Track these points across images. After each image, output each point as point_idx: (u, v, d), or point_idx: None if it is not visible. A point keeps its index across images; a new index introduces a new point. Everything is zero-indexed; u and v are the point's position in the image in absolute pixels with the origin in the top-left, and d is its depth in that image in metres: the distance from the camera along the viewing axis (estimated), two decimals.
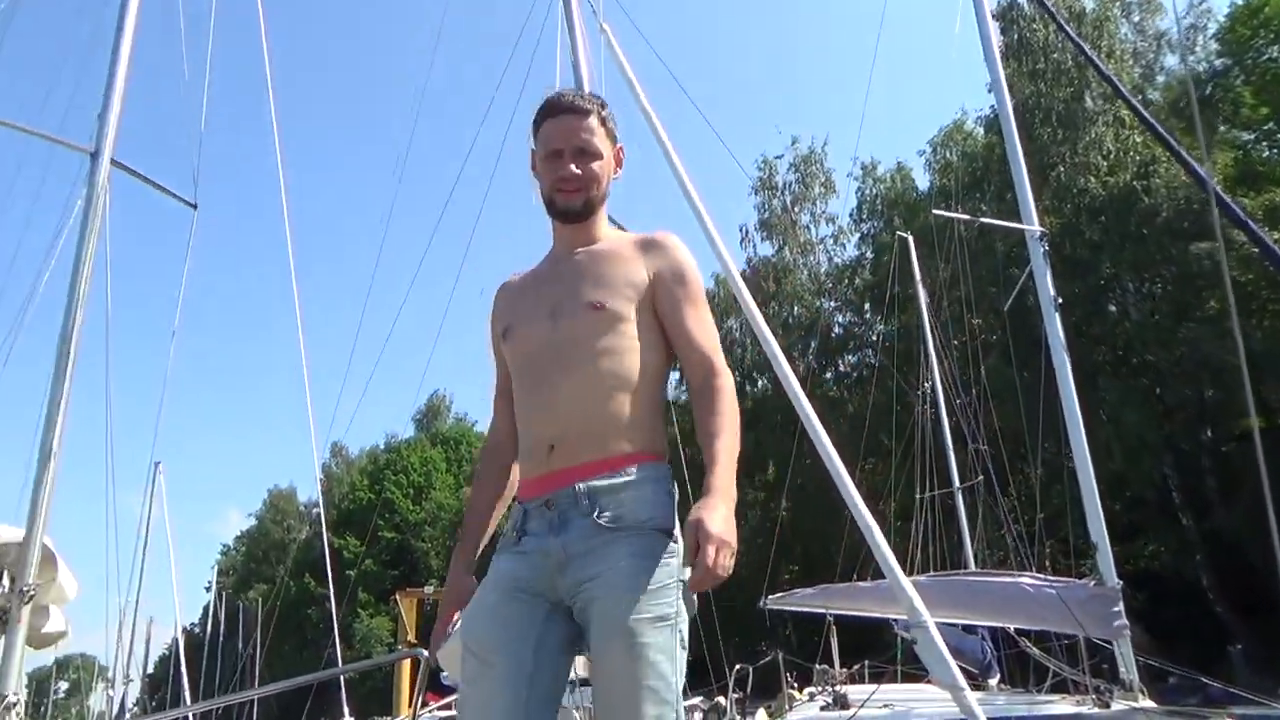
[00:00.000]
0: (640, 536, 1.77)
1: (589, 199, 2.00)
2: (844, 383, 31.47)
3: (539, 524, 1.84)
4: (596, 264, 1.98)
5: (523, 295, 2.04)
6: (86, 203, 5.98)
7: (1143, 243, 21.29)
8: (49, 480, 5.33)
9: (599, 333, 1.89)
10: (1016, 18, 24.29)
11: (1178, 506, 21.92)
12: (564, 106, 2.00)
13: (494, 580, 1.86)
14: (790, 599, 10.24)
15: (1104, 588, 7.46)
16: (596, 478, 1.82)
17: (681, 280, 2.00)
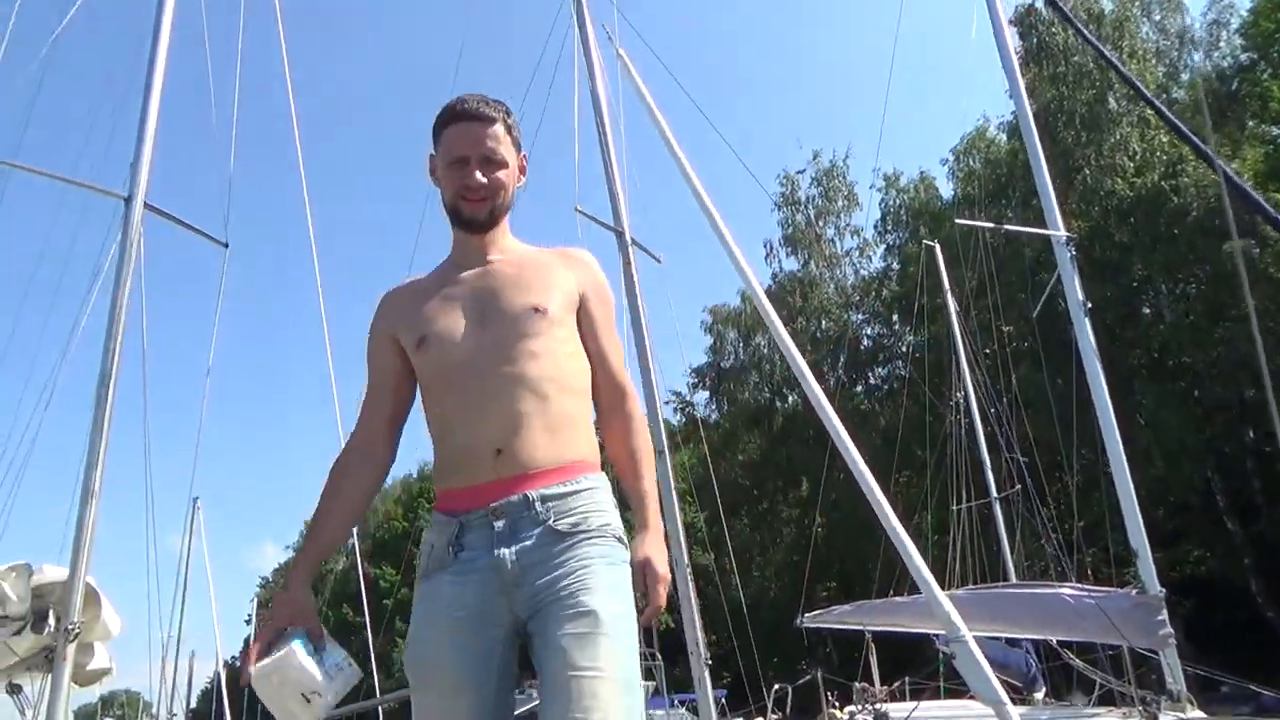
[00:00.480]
0: (603, 540, 1.75)
1: (495, 208, 1.94)
2: (875, 395, 31.24)
3: (480, 537, 1.73)
4: (525, 270, 1.93)
5: (430, 302, 1.91)
6: (121, 246, 6.13)
7: (1173, 243, 21.00)
8: (91, 520, 5.44)
9: (542, 335, 1.83)
10: (1035, 22, 24.15)
11: (1222, 510, 21.46)
12: (468, 112, 1.92)
13: (440, 607, 1.73)
14: (827, 617, 10.15)
15: (1146, 596, 7.33)
16: (550, 485, 1.75)
17: (604, 300, 2.00)
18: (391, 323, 1.96)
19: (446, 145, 1.94)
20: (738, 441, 34.46)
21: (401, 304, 1.98)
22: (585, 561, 1.69)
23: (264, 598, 61.57)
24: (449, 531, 1.77)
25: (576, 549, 1.71)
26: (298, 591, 1.79)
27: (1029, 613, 7.74)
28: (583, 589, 1.66)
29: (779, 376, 32.76)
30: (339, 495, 1.88)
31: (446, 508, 1.81)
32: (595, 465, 1.85)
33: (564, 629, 1.62)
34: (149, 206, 6.32)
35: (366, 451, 1.93)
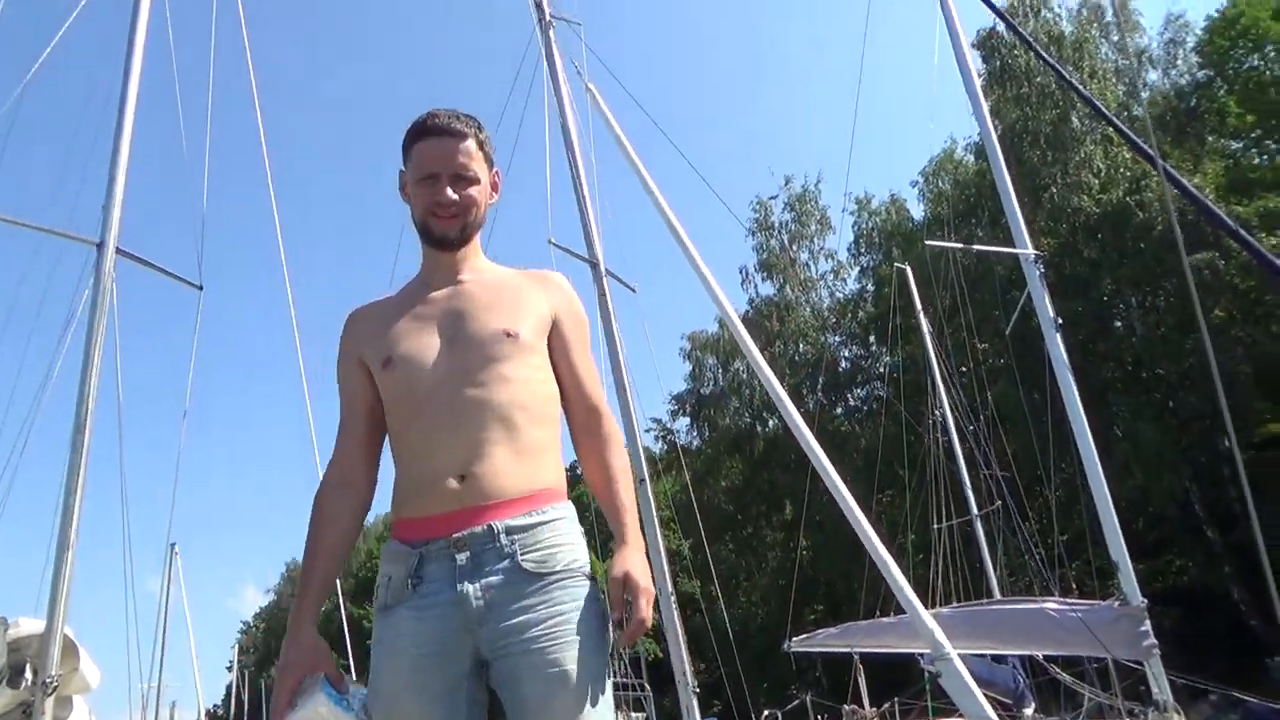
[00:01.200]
0: (572, 582, 1.69)
1: (466, 225, 1.88)
2: (854, 417, 31.39)
3: (441, 569, 1.66)
4: (495, 292, 1.87)
5: (398, 322, 1.85)
6: (94, 292, 6.11)
7: (1140, 257, 21.34)
8: (67, 572, 5.37)
9: (512, 360, 1.77)
10: (998, 45, 24.63)
11: (1202, 520, 21.65)
12: (438, 128, 1.86)
13: (401, 645, 1.66)
14: (814, 640, 10.14)
15: (1129, 607, 7.38)
16: (516, 516, 1.69)
17: (577, 321, 1.96)
18: (358, 343, 1.89)
19: (416, 161, 1.88)
20: (720, 467, 34.49)
21: (368, 324, 1.91)
22: (556, 609, 1.65)
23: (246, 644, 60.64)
24: (408, 563, 1.69)
25: (545, 593, 1.65)
26: (308, 636, 1.72)
27: (1014, 629, 7.77)
28: (554, 644, 1.61)
29: (759, 401, 32.87)
30: (323, 532, 1.81)
31: (405, 536, 1.73)
32: (562, 494, 1.80)
33: (538, 690, 1.59)
34: (121, 252, 6.30)
35: (343, 483, 1.85)
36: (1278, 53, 22.41)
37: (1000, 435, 16.20)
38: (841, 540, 24.38)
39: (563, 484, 1.82)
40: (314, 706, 1.64)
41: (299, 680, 1.69)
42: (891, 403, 22.84)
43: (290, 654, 1.70)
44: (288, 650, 1.71)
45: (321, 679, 1.68)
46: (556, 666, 1.60)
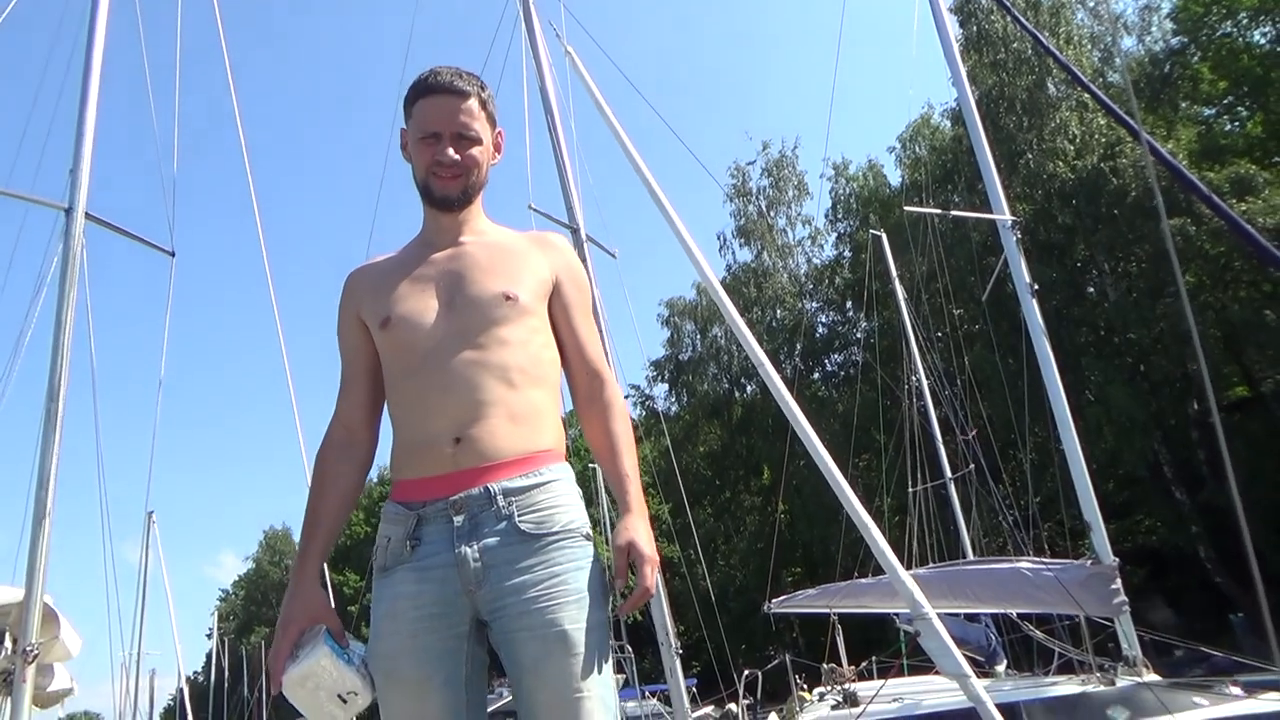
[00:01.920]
0: (570, 543, 1.69)
1: (468, 186, 1.87)
2: (831, 382, 31.62)
3: (438, 531, 1.67)
4: (497, 255, 1.86)
5: (398, 283, 1.84)
6: (64, 258, 5.99)
7: (1114, 223, 21.52)
8: (45, 539, 5.32)
9: (511, 323, 1.77)
10: (974, 10, 24.58)
11: (1170, 481, 22.08)
12: (442, 86, 1.84)
13: (401, 606, 1.66)
14: (793, 601, 10.27)
15: (1101, 566, 7.53)
16: (513, 478, 1.69)
17: (579, 285, 1.94)
18: (357, 302, 1.88)
19: (418, 120, 1.85)
20: (698, 433, 34.70)
21: (367, 283, 1.89)
22: (554, 570, 1.64)
23: (225, 611, 60.63)
24: (406, 524, 1.70)
25: (544, 554, 1.65)
26: (311, 590, 1.73)
27: (990, 587, 7.91)
28: (552, 605, 1.61)
29: (737, 367, 33.03)
30: (326, 490, 1.82)
31: (403, 498, 1.74)
32: (560, 456, 1.79)
33: (535, 651, 1.59)
34: (90, 217, 6.19)
35: (345, 443, 1.86)
36: (1250, 19, 22.53)
37: (976, 399, 16.38)
38: (819, 504, 24.69)
39: (561, 446, 1.81)
40: (317, 659, 1.64)
41: (300, 633, 1.69)
42: (868, 368, 23.00)
43: (292, 608, 1.71)
44: (289, 604, 1.72)
45: (324, 632, 1.68)
46: (555, 627, 1.60)
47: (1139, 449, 20.86)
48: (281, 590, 13.66)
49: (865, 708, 7.29)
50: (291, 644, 1.68)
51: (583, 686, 1.59)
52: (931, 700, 7.33)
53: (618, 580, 1.69)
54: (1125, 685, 7.05)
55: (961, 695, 5.48)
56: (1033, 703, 6.64)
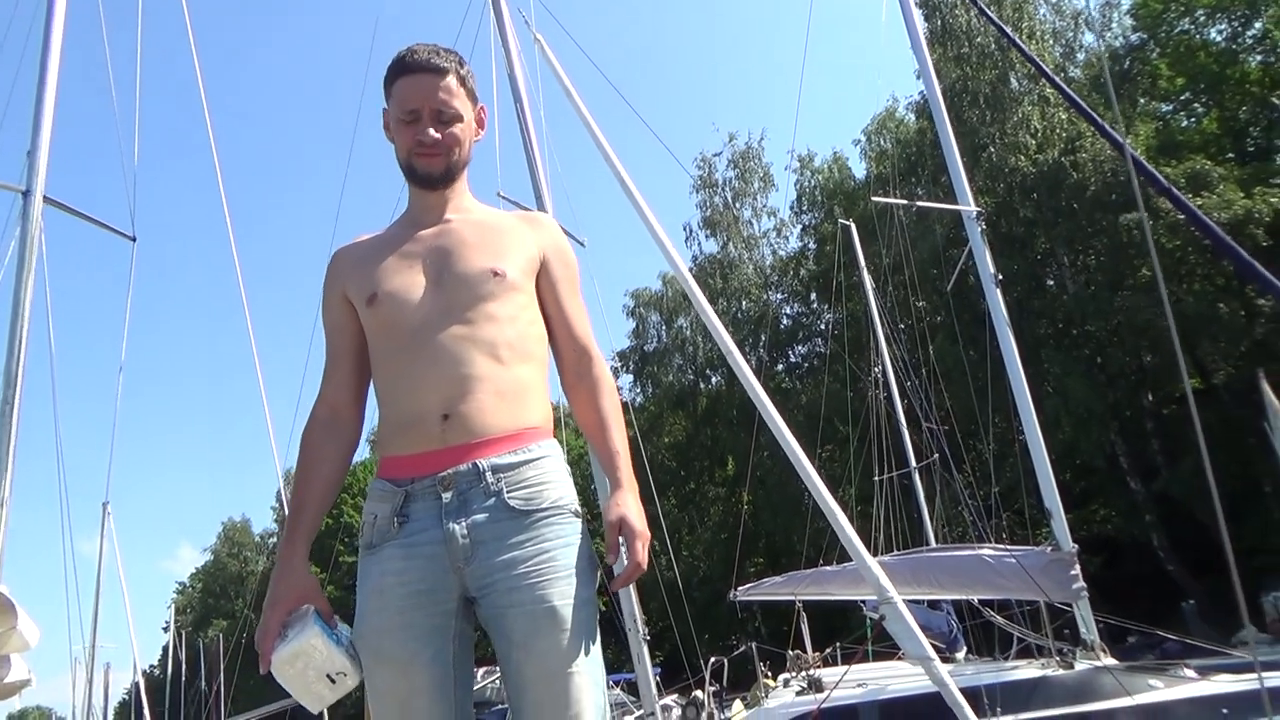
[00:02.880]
0: (559, 519, 1.69)
1: (450, 164, 1.86)
2: (796, 373, 31.84)
3: (427, 507, 1.66)
4: (483, 232, 1.86)
5: (384, 259, 1.83)
6: (21, 242, 5.85)
7: (1074, 217, 21.87)
8: (2, 529, 5.21)
9: (499, 299, 1.76)
10: (939, 4, 24.79)
11: (1126, 471, 22.54)
12: (419, 64, 1.83)
13: (388, 583, 1.65)
14: (759, 589, 10.35)
15: (1061, 553, 7.68)
16: (501, 454, 1.68)
17: (567, 263, 1.93)
18: (343, 280, 1.87)
19: (398, 99, 1.85)
20: (663, 424, 34.77)
21: (353, 260, 1.89)
22: (542, 546, 1.64)
23: (182, 604, 59.73)
24: (393, 501, 1.69)
25: (532, 530, 1.65)
26: (299, 570, 1.71)
27: (954, 574, 8.04)
28: (541, 581, 1.61)
29: (702, 358, 33.14)
30: (312, 468, 1.80)
31: (390, 475, 1.72)
32: (548, 433, 1.79)
33: (524, 627, 1.59)
34: (49, 200, 6.05)
35: (330, 422, 1.85)
36: (1208, 16, 22.95)
37: (940, 390, 16.59)
38: (783, 495, 24.90)
39: (549, 423, 1.81)
40: (307, 639, 1.62)
41: (288, 613, 1.67)
42: (832, 359, 23.18)
43: (279, 588, 1.69)
44: (276, 585, 1.70)
45: (312, 612, 1.66)
46: (544, 603, 1.60)
47: (1096, 439, 21.27)
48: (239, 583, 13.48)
49: (830, 693, 7.38)
50: (280, 624, 1.66)
51: (572, 662, 1.59)
52: (896, 685, 7.44)
53: (610, 556, 1.68)
54: (1083, 669, 7.20)
55: (924, 681, 5.57)
56: (994, 686, 6.76)
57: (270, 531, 57.70)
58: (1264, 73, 22.34)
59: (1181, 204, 5.32)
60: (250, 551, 59.45)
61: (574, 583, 1.65)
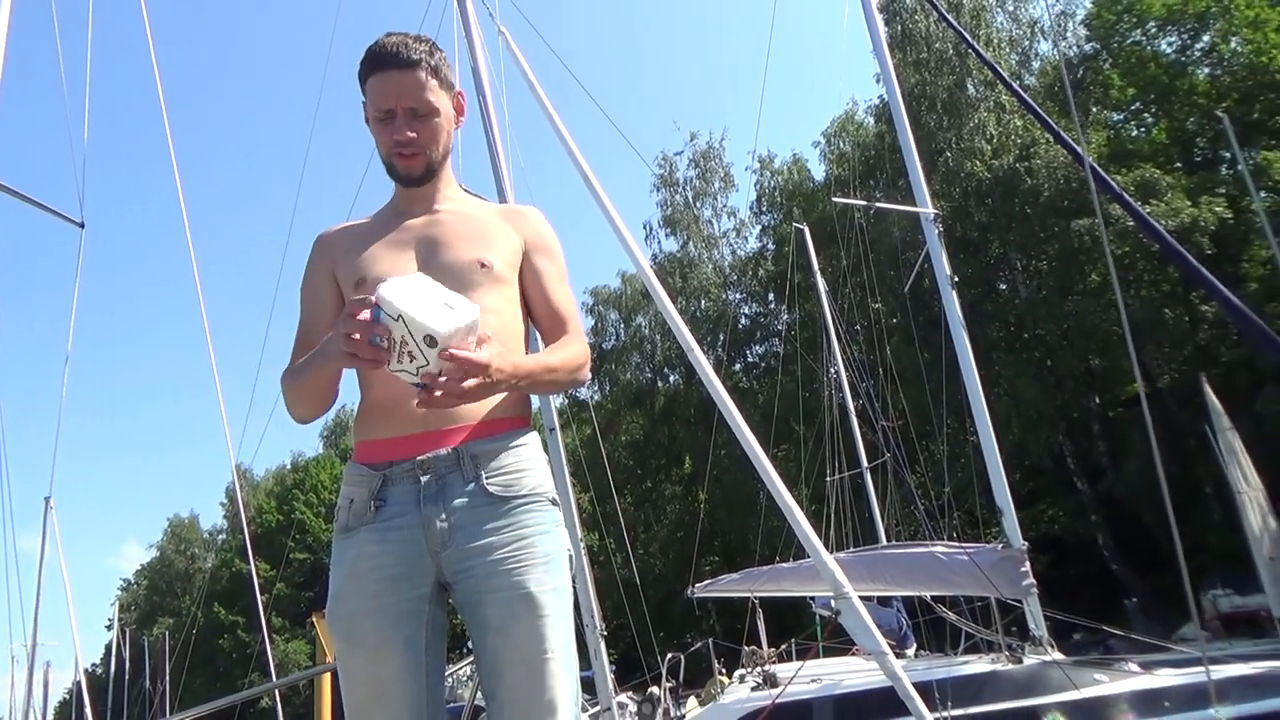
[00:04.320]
0: (537, 507, 1.70)
1: (430, 161, 1.85)
2: (753, 373, 32.03)
3: (404, 491, 1.66)
4: (471, 223, 1.87)
5: (372, 245, 1.83)
6: None
7: (1028, 222, 22.28)
8: None
9: (485, 290, 1.76)
10: (899, 10, 25.10)
11: (1073, 472, 23.02)
12: (389, 59, 1.79)
13: (363, 566, 1.65)
14: (717, 585, 10.41)
15: (1011, 550, 7.83)
16: (481, 440, 1.70)
17: (553, 254, 1.93)
18: (332, 260, 1.86)
19: (371, 97, 1.83)
20: (620, 422, 34.77)
21: (341, 243, 1.88)
22: (519, 533, 1.65)
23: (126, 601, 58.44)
24: (371, 484, 1.69)
25: (511, 516, 1.66)
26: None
27: (907, 570, 8.16)
28: (518, 567, 1.62)
29: (660, 356, 33.19)
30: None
31: (367, 459, 1.72)
32: (526, 422, 1.80)
33: (499, 613, 1.60)
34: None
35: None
36: (1158, 29, 23.52)
37: (895, 390, 16.79)
38: (739, 494, 25.05)
39: (528, 414, 1.83)
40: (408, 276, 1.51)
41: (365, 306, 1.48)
42: (789, 359, 23.35)
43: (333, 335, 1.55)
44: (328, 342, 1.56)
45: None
46: (521, 589, 1.61)
47: (1044, 441, 21.70)
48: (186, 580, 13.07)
49: (784, 689, 7.44)
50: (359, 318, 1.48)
51: (548, 648, 1.60)
52: (849, 680, 7.53)
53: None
54: (1032, 663, 7.35)
55: (877, 676, 5.65)
56: (945, 680, 6.87)
57: (219, 528, 56.70)
58: (1211, 85, 22.95)
59: (1134, 211, 5.45)
60: (198, 548, 58.33)
61: (551, 570, 1.65)
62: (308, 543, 43.59)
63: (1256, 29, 21.62)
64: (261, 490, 51.89)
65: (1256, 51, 21.49)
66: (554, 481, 1.81)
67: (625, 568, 19.19)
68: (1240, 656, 8.76)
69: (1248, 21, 21.81)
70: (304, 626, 37.10)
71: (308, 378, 1.71)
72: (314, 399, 1.76)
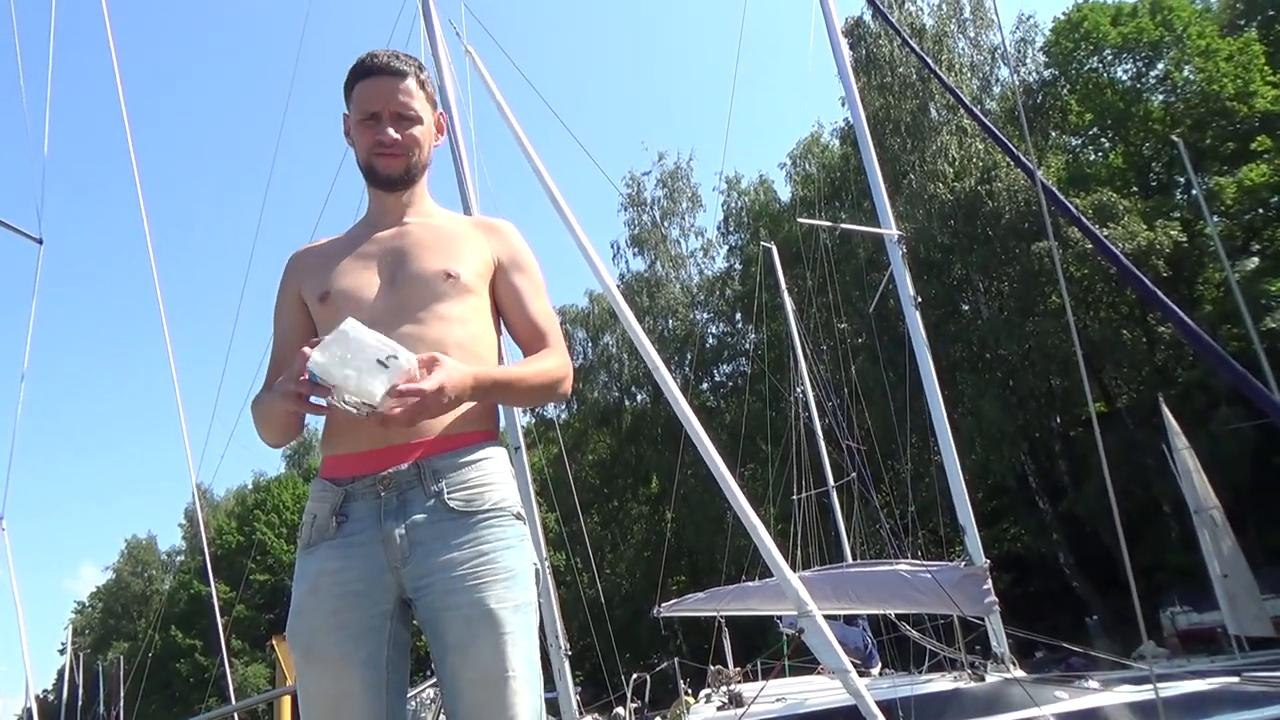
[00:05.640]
0: (500, 522, 1.67)
1: (410, 165, 1.86)
2: (720, 392, 32.13)
3: (366, 507, 1.65)
4: (439, 235, 1.86)
5: (339, 260, 1.83)
6: None
7: (989, 243, 22.62)
8: None
9: (451, 301, 1.76)
10: (863, 34, 25.49)
11: (1035, 491, 23.29)
12: (379, 67, 1.84)
13: (324, 583, 1.63)
14: (683, 605, 10.39)
15: (973, 568, 7.90)
16: (443, 454, 1.68)
17: (529, 269, 1.92)
18: (299, 279, 1.87)
19: (358, 101, 1.85)
20: (588, 441, 34.68)
21: (309, 261, 1.89)
22: (480, 549, 1.63)
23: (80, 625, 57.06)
24: (333, 500, 1.68)
25: (473, 531, 1.64)
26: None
27: (870, 589, 8.20)
28: (479, 583, 1.60)
29: (628, 375, 33.20)
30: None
31: (330, 474, 1.71)
32: (493, 437, 1.78)
33: (460, 630, 1.58)
34: None
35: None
36: (1115, 56, 24.09)
37: (862, 410, 16.92)
38: (705, 514, 25.06)
39: (494, 428, 1.81)
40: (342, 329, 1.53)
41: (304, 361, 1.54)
42: (756, 379, 23.47)
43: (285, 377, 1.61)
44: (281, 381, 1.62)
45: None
46: (481, 606, 1.58)
47: (1007, 460, 21.96)
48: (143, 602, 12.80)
49: (749, 708, 7.44)
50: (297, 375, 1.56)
51: (509, 667, 1.57)
52: (814, 699, 7.53)
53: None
54: (994, 680, 7.41)
55: (842, 694, 5.66)
56: (909, 698, 6.90)
57: (177, 549, 55.63)
58: (1165, 111, 23.52)
59: (1089, 232, 5.56)
60: (155, 570, 57.20)
61: (513, 587, 1.63)
62: (269, 564, 42.89)
63: (1208, 58, 22.21)
64: (222, 510, 51.06)
65: (1208, 79, 22.07)
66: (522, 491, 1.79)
67: (591, 587, 19.10)
68: (1195, 673, 8.90)
69: (1199, 51, 22.41)
70: (264, 650, 36.42)
71: (270, 412, 1.74)
72: (279, 431, 1.78)
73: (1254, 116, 21.69)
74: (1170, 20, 23.00)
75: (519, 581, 1.64)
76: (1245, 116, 21.85)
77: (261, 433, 1.80)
